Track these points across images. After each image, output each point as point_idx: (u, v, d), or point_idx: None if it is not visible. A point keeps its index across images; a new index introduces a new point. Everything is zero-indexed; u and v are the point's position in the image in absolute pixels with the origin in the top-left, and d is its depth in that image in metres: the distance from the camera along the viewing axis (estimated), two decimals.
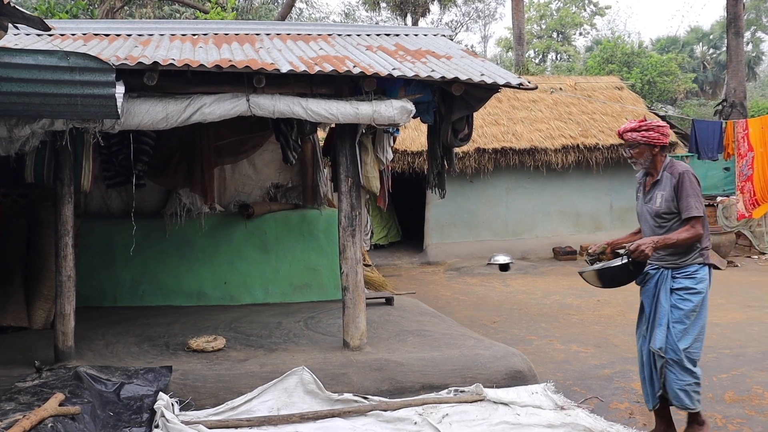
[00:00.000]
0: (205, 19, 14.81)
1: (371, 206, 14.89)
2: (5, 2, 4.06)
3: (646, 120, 4.67)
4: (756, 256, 14.24)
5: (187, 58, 5.34)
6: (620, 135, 4.76)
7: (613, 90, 17.07)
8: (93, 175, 5.89)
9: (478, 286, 11.78)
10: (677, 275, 4.56)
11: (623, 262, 4.59)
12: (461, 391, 5.38)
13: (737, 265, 13.21)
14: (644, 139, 4.61)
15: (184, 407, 5.02)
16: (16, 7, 4.20)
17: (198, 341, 6.06)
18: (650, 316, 4.77)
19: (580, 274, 4.93)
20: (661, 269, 4.66)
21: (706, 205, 15.52)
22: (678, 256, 4.56)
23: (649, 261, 4.65)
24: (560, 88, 16.26)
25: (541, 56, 44.64)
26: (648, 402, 4.82)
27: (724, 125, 13.89)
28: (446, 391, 5.40)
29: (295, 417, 4.91)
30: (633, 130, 4.64)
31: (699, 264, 4.53)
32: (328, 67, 5.42)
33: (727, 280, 11.69)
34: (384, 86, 5.71)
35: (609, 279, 4.85)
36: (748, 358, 6.76)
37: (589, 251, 4.94)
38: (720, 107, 20.28)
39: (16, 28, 4.98)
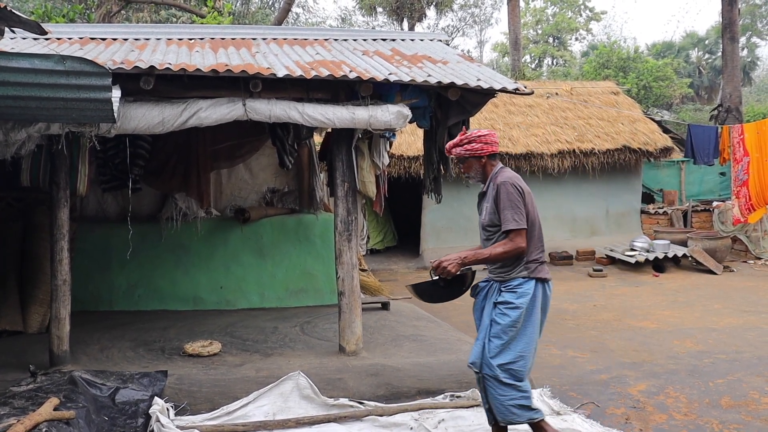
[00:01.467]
0: (202, 23, 14.81)
1: (367, 211, 14.88)
2: (2, 6, 4.07)
3: (467, 133, 4.49)
4: (752, 261, 14.26)
5: (184, 63, 5.34)
6: (447, 152, 4.61)
7: (609, 95, 17.09)
8: (89, 179, 5.89)
9: None
10: (502, 289, 4.35)
11: (433, 278, 4.38)
12: (457, 396, 5.38)
13: (733, 270, 13.23)
14: (468, 152, 4.44)
15: (180, 412, 5.00)
16: (13, 10, 4.20)
17: (194, 346, 6.05)
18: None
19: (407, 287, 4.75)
20: (492, 282, 4.48)
21: (702, 210, 15.50)
22: (505, 269, 4.37)
23: (489, 274, 4.50)
24: (556, 93, 16.28)
25: (537, 61, 44.70)
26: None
27: (719, 130, 13.91)
28: (442, 396, 5.39)
29: (290, 422, 4.90)
30: (456, 145, 4.48)
31: (523, 278, 4.31)
32: (324, 72, 5.43)
33: (723, 285, 11.70)
34: (380, 91, 5.72)
35: (426, 295, 4.63)
36: (744, 363, 6.76)
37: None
38: (716, 112, 20.33)
39: (13, 31, 4.99)
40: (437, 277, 4.35)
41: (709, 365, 6.71)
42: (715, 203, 15.91)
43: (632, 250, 13.64)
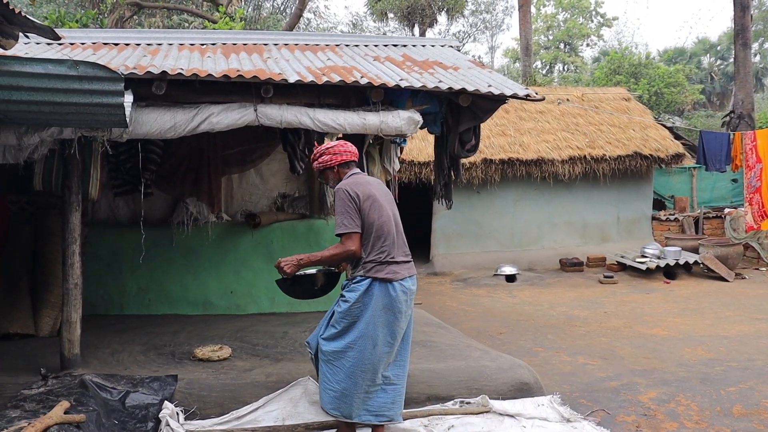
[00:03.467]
0: (214, 29, 14.88)
1: None
2: (16, 12, 4.10)
3: (318, 147, 4.83)
4: (764, 269, 14.17)
5: (196, 68, 5.36)
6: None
7: (621, 101, 17.05)
8: (101, 183, 5.91)
9: (485, 297, 11.76)
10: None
11: (283, 277, 4.72)
12: (467, 403, 5.37)
13: (745, 278, 13.15)
14: (321, 165, 4.78)
15: (189, 416, 5.02)
16: (27, 16, 4.23)
17: (204, 350, 6.06)
18: None
19: None
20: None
21: (713, 217, 15.43)
22: (355, 268, 4.67)
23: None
24: (567, 99, 16.25)
25: (548, 67, 44.66)
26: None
27: (731, 137, 13.85)
28: (452, 402, 5.39)
29: (300, 427, 4.90)
30: (312, 160, 4.84)
31: (360, 276, 4.57)
32: (335, 78, 5.44)
33: (734, 292, 11.64)
34: (391, 97, 5.72)
35: (284, 291, 4.99)
36: (756, 372, 6.72)
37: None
38: (728, 119, 20.24)
39: (27, 37, 5.02)
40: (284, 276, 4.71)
41: (721, 373, 6.68)
42: (726, 210, 15.82)
43: (643, 256, 13.59)
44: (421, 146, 14.14)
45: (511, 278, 13.41)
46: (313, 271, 4.89)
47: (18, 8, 4.14)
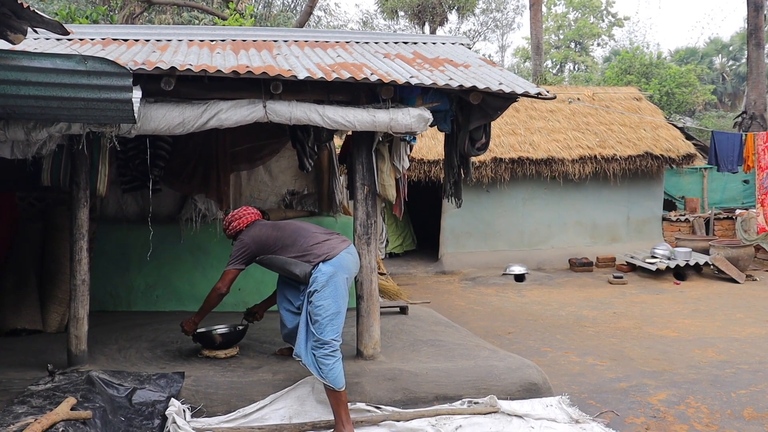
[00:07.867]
0: (224, 25, 14.87)
1: (387, 214, 14.86)
2: (25, 6, 4.08)
3: (226, 218, 5.72)
4: None
5: (205, 64, 5.34)
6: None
7: (631, 101, 16.97)
8: (109, 179, 5.90)
9: (493, 296, 11.72)
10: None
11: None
12: (475, 403, 5.33)
13: (756, 279, 13.06)
14: (234, 230, 5.63)
15: (196, 414, 5.00)
16: (36, 11, 4.22)
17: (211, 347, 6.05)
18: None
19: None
20: None
21: (724, 218, 15.43)
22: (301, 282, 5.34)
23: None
24: (578, 99, 16.18)
25: (558, 66, 44.57)
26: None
27: (744, 137, 13.76)
28: (460, 402, 5.35)
29: (307, 426, 4.88)
30: (224, 229, 5.73)
31: (311, 271, 5.14)
32: (345, 75, 5.40)
33: (745, 294, 11.56)
34: (401, 94, 5.68)
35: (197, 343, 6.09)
36: (767, 374, 6.65)
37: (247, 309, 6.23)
38: (740, 119, 20.13)
39: (35, 32, 5.00)
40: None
41: (732, 375, 6.62)
42: (738, 211, 15.74)
43: (653, 257, 13.53)
44: (431, 144, 14.11)
45: (520, 278, 13.36)
46: (221, 330, 6.18)
47: (27, 3, 4.13)
